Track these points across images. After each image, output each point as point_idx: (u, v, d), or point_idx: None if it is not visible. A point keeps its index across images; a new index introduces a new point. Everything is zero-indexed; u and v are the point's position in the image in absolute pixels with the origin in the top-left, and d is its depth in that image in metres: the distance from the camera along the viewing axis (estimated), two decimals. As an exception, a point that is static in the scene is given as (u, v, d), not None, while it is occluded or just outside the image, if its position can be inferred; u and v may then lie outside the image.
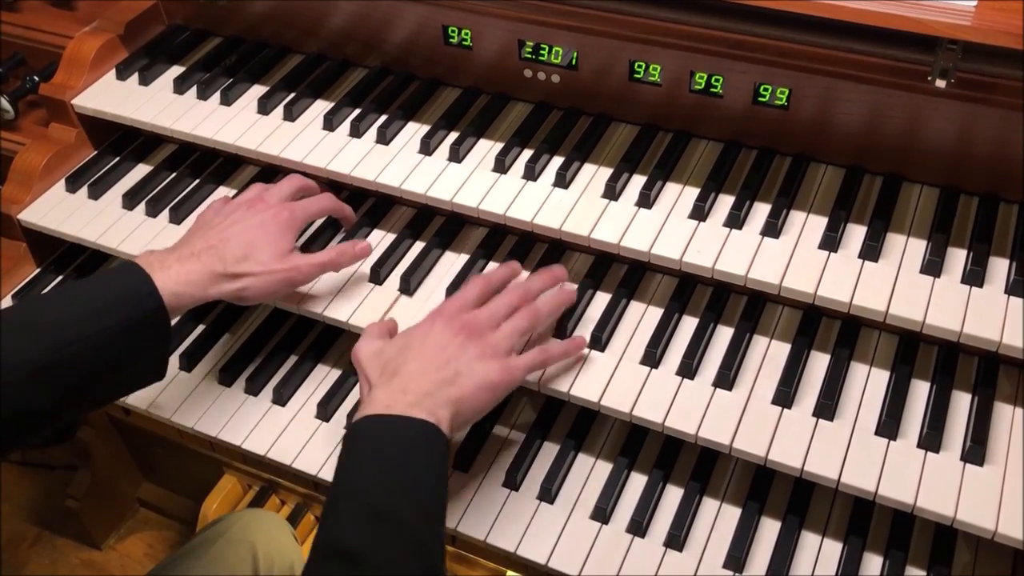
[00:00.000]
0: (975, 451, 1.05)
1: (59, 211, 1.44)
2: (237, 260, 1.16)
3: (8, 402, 0.97)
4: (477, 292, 1.14)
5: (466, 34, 1.37)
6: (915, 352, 1.17)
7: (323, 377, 1.34)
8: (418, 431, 0.98)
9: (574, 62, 1.32)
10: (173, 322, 1.11)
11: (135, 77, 1.50)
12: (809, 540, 1.14)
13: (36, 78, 1.54)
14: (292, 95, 1.43)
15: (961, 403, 1.12)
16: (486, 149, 1.32)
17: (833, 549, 1.13)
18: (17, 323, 1.02)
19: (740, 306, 1.23)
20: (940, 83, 1.08)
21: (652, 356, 1.17)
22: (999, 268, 1.12)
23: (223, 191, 1.46)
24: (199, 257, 1.14)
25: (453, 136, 1.34)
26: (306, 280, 1.23)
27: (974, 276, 1.10)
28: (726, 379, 1.14)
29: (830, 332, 1.20)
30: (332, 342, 1.39)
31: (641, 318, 1.23)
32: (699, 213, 1.20)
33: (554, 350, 1.14)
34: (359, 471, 0.96)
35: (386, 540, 0.91)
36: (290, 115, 1.40)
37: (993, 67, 1.07)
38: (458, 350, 1.05)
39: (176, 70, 1.51)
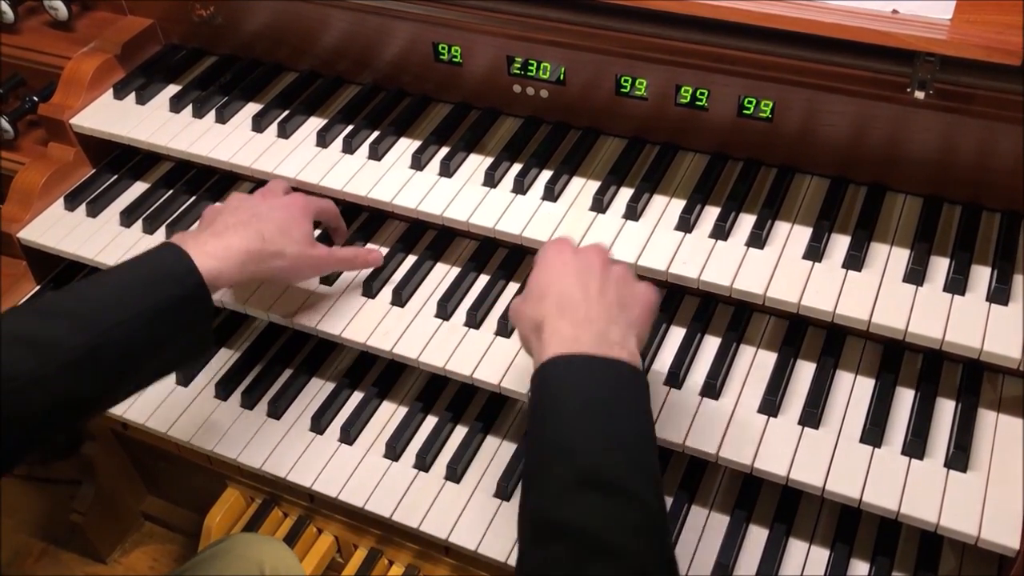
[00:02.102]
0: (958, 457, 1.06)
1: (58, 229, 1.46)
2: (274, 236, 1.15)
3: (54, 390, 0.95)
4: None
5: (456, 51, 1.39)
6: (900, 360, 1.18)
7: (317, 391, 1.36)
8: (619, 373, 0.89)
9: (562, 77, 1.34)
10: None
11: (132, 96, 1.53)
12: (796, 547, 1.15)
13: (35, 98, 1.56)
14: (286, 112, 1.45)
15: (945, 410, 1.13)
16: (476, 164, 1.34)
17: (820, 556, 1.14)
18: (57, 310, 1.00)
19: (727, 316, 1.25)
20: (919, 94, 1.09)
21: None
22: (981, 276, 1.13)
23: (219, 208, 1.48)
24: (236, 230, 1.12)
25: (444, 151, 1.36)
26: (328, 270, 1.27)
27: (956, 284, 1.11)
28: (713, 389, 1.15)
29: (816, 341, 1.21)
30: (325, 356, 1.41)
31: (629, 329, 1.24)
32: (685, 225, 1.22)
33: None
34: (565, 427, 0.85)
35: (613, 511, 0.80)
36: (284, 132, 1.42)
37: (971, 78, 1.08)
38: (604, 268, 0.99)
39: (172, 89, 1.53)
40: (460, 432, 1.30)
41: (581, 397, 0.87)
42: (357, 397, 1.35)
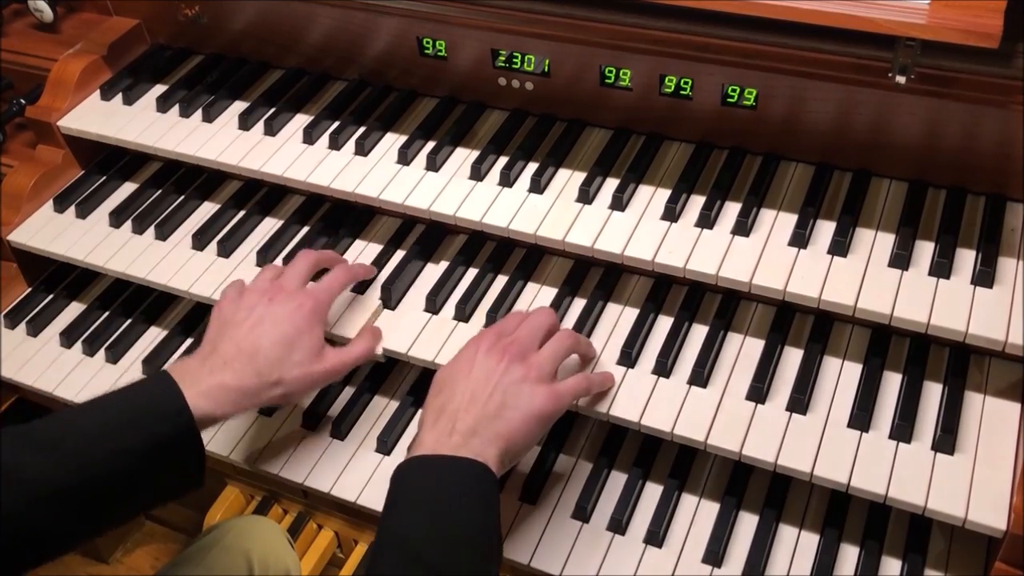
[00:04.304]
0: (945, 440, 1.06)
1: (48, 231, 1.47)
2: (273, 366, 1.10)
3: (24, 523, 0.93)
4: (515, 321, 1.12)
5: (441, 45, 1.39)
6: (887, 344, 1.18)
7: (308, 388, 1.37)
8: (464, 473, 0.96)
9: (547, 69, 1.34)
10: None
11: (119, 97, 1.53)
12: (786, 533, 1.15)
13: (23, 101, 1.57)
14: (272, 110, 1.45)
15: (932, 393, 1.13)
16: (462, 157, 1.34)
17: (810, 541, 1.15)
18: (41, 440, 0.98)
19: (714, 304, 1.25)
20: (900, 79, 1.10)
21: (628, 356, 1.19)
22: (965, 259, 1.13)
23: (208, 206, 1.48)
24: (232, 367, 1.08)
25: (430, 145, 1.36)
26: (339, 377, 1.20)
27: (941, 268, 1.12)
28: (700, 377, 1.16)
29: (803, 327, 1.22)
30: (316, 352, 1.41)
31: (618, 319, 1.25)
32: (671, 214, 1.22)
33: (595, 378, 1.13)
34: (404, 518, 0.94)
35: None
36: (270, 130, 1.42)
37: (952, 62, 1.08)
38: (501, 375, 1.03)
39: (159, 89, 1.54)
40: (451, 425, 1.30)
41: (424, 492, 0.96)
42: (348, 392, 1.35)
